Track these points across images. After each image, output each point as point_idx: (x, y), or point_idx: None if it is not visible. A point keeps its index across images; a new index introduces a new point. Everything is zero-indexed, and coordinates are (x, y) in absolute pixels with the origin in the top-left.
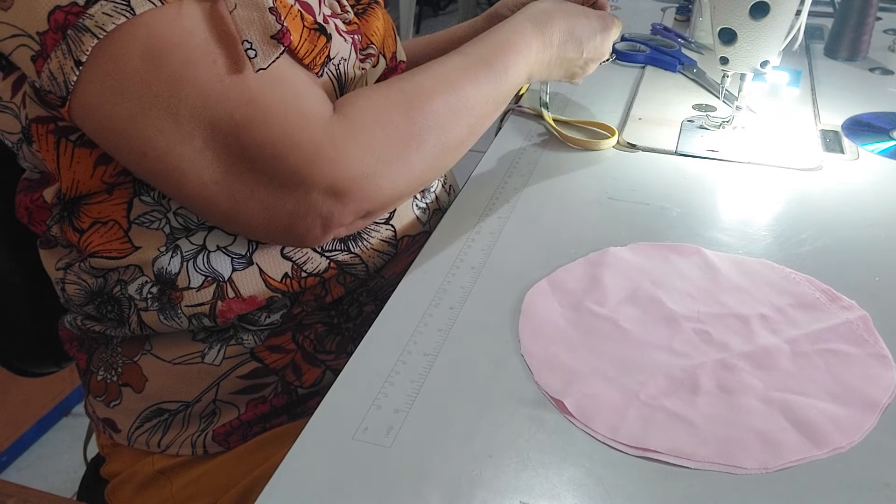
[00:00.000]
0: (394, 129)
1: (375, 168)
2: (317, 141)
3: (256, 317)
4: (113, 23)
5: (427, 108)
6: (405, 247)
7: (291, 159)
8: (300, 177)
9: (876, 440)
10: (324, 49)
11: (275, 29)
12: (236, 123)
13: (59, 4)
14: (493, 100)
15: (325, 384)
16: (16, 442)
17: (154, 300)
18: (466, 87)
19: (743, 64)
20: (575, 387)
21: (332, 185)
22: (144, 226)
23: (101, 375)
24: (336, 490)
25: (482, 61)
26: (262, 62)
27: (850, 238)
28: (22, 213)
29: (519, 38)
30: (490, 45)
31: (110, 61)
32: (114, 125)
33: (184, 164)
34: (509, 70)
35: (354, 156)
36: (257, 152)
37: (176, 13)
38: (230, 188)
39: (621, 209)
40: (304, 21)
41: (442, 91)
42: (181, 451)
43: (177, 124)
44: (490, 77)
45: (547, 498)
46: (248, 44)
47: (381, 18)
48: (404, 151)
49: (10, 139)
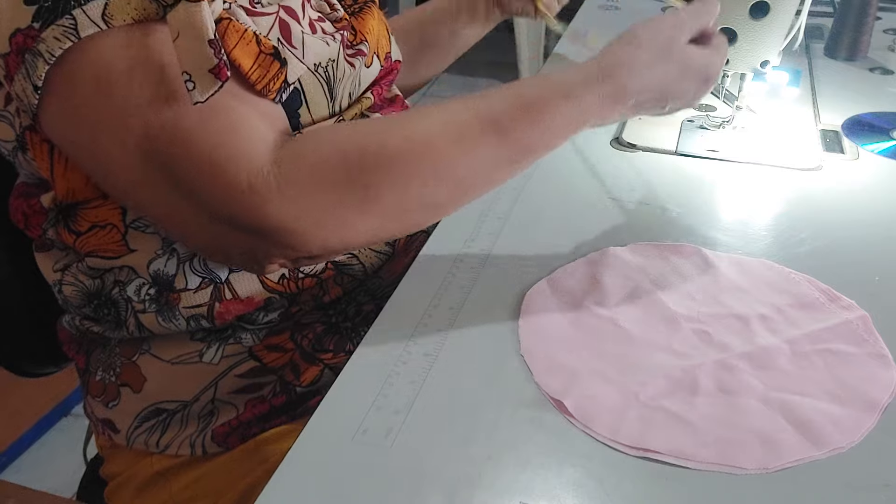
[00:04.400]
0: (332, 190)
1: (297, 224)
2: (240, 183)
3: (254, 316)
4: (60, 47)
5: (386, 177)
6: (402, 247)
7: (219, 196)
8: (227, 213)
9: (876, 440)
10: (278, 74)
11: (212, 63)
12: (173, 156)
13: (20, 27)
14: (501, 169)
15: (323, 383)
16: (15, 442)
17: (152, 301)
18: (458, 155)
19: (743, 64)
20: (575, 387)
21: (254, 229)
22: (140, 230)
23: (100, 376)
24: (336, 492)
25: (495, 122)
26: (200, 95)
27: (850, 238)
28: (18, 217)
29: (571, 102)
30: (522, 98)
31: (64, 87)
32: (74, 148)
33: (136, 189)
34: (538, 141)
35: (273, 208)
36: (194, 184)
37: (124, 39)
38: (177, 212)
39: (621, 209)
40: (260, 45)
41: (417, 158)
42: (180, 451)
43: (124, 152)
44: (501, 150)
45: (547, 499)
46: (187, 76)
47: (376, 18)
48: (342, 214)
49: (5, 147)
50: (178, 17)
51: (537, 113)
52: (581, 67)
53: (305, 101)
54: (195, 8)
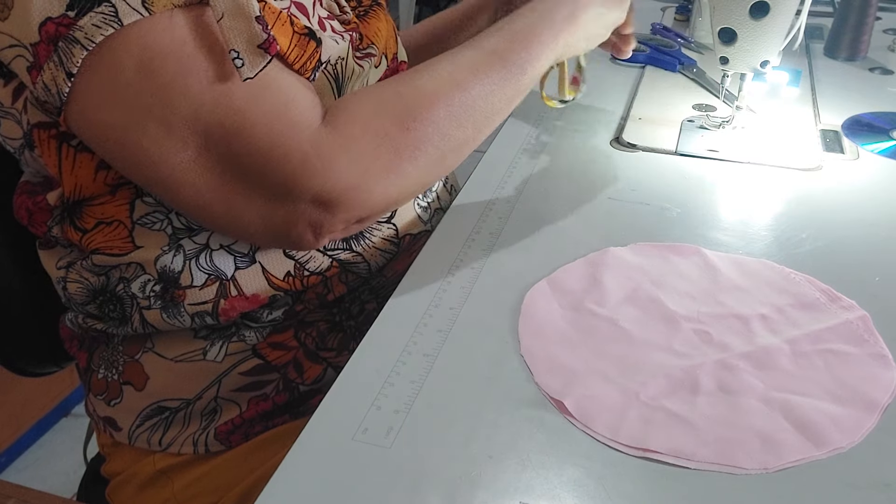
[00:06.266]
0: (386, 140)
1: (363, 179)
2: (303, 151)
3: (258, 314)
4: (101, 34)
5: (426, 115)
6: (407, 245)
7: (279, 169)
8: (288, 186)
9: (876, 440)
10: (314, 54)
11: (261, 38)
12: (226, 132)
13: (51, 16)
14: (507, 97)
15: (326, 381)
16: (15, 442)
17: (157, 298)
18: (474, 87)
19: (743, 64)
20: (575, 387)
21: (318, 196)
22: (147, 226)
23: (102, 374)
24: (336, 491)
25: (496, 56)
26: (250, 72)
27: (850, 238)
28: (22, 215)
29: (546, 26)
30: (509, 35)
31: (104, 72)
32: (108, 135)
33: (178, 173)
34: (529, 64)
35: (341, 167)
36: (248, 161)
37: (167, 23)
38: (225, 196)
39: (621, 209)
40: (294, 26)
41: (445, 94)
42: (182, 449)
43: (170, 134)
44: (504, 75)
45: (547, 498)
46: (234, 53)
47: (383, 20)
48: (397, 162)
49: (11, 145)
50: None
51: (523, 38)
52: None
53: None
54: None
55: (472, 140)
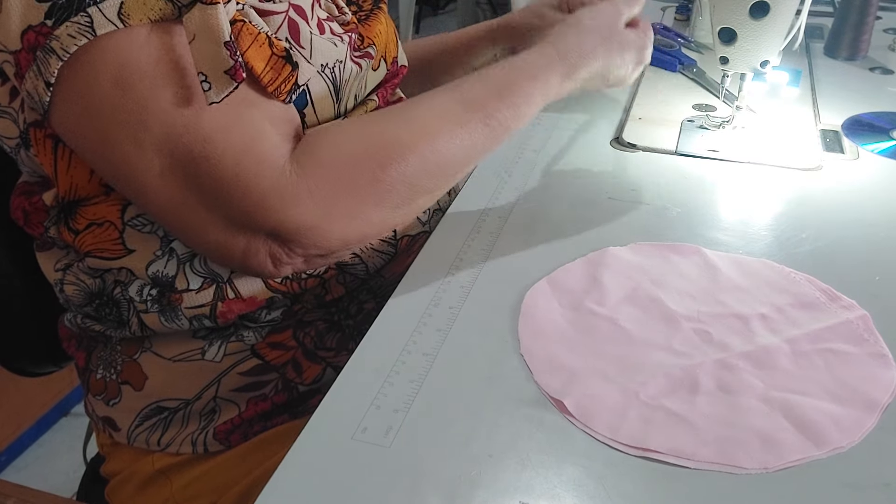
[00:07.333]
0: (352, 188)
1: (323, 221)
2: (264, 188)
3: (257, 314)
4: (76, 44)
5: (396, 167)
6: (405, 246)
7: (240, 201)
8: (248, 218)
9: (876, 440)
10: (290, 77)
11: (228, 64)
12: (194, 158)
13: (31, 24)
14: (485, 150)
15: (325, 381)
16: (15, 442)
17: (154, 302)
18: (452, 141)
19: (743, 64)
20: (575, 387)
21: (275, 230)
22: (138, 229)
23: (101, 374)
24: (335, 490)
25: (481, 113)
26: (216, 96)
27: (850, 238)
28: (18, 215)
29: (538, 84)
30: (498, 89)
31: (81, 85)
32: (85, 144)
33: (147, 188)
34: (514, 121)
35: (301, 209)
36: (211, 186)
37: (144, 40)
38: (188, 216)
39: (621, 209)
40: (273, 48)
41: (420, 147)
42: (181, 449)
43: (140, 151)
44: (486, 133)
45: (547, 498)
46: (202, 76)
47: (384, 23)
48: (360, 208)
49: (8, 144)
50: (193, 19)
51: (511, 95)
52: (541, 51)
53: (311, 102)
54: (211, 10)
55: (443, 187)
